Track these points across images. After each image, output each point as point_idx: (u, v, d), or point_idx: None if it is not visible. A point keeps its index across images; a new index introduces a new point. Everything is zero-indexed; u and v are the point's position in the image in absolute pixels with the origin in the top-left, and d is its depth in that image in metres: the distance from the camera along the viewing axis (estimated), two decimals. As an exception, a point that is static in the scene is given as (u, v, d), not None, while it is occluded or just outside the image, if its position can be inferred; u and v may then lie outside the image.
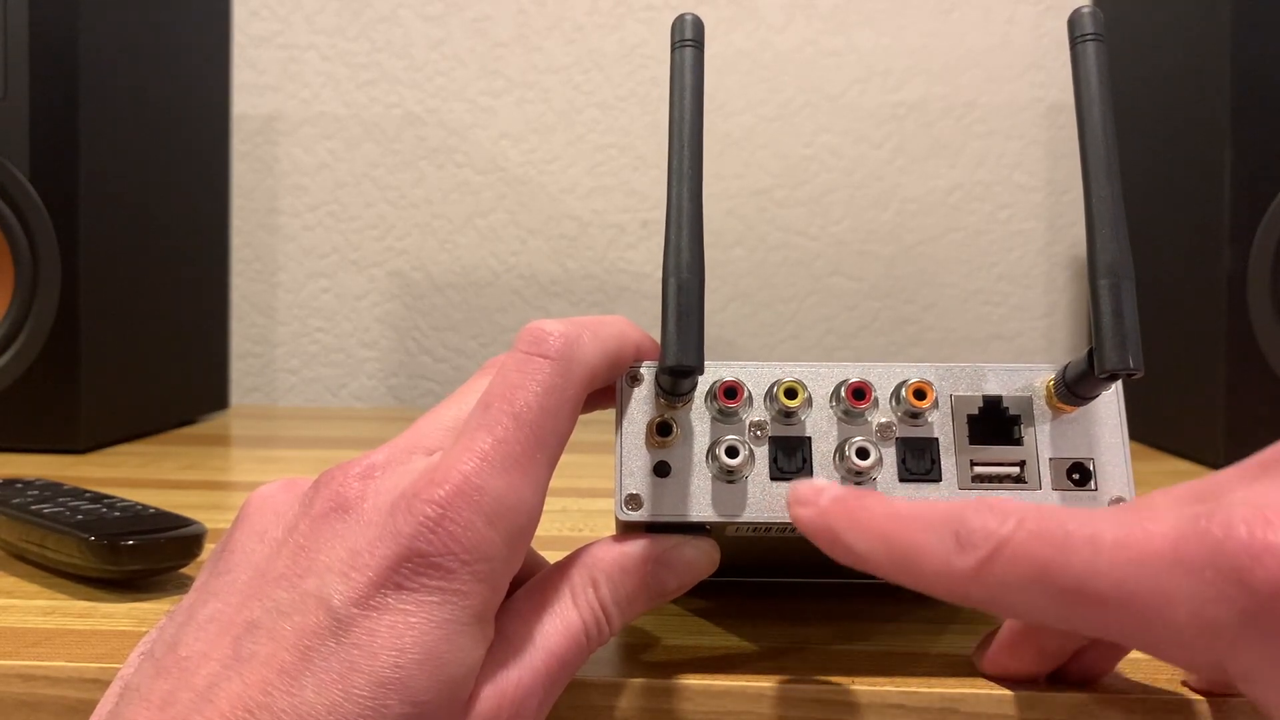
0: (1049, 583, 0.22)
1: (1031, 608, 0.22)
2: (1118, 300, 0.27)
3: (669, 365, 0.27)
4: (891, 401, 0.29)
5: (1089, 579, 0.21)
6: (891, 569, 0.24)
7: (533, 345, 0.27)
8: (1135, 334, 0.26)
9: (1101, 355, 0.27)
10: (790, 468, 0.29)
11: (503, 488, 0.25)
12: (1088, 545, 0.21)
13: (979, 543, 0.22)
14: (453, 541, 0.24)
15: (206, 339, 0.85)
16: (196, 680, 0.23)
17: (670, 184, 0.28)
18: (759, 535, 0.30)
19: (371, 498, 0.25)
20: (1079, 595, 0.21)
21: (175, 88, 0.78)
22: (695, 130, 0.28)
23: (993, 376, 0.30)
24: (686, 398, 0.29)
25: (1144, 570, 0.21)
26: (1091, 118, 0.28)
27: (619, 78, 0.97)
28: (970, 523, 0.23)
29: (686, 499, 0.28)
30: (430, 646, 0.23)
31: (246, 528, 0.27)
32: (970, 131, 0.96)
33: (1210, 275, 0.64)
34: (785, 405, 0.29)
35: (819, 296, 0.96)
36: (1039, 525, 0.22)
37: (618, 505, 0.28)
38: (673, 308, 0.27)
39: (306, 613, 0.24)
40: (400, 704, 0.23)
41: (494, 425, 0.26)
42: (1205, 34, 0.65)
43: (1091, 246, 0.27)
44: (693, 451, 0.29)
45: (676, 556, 0.28)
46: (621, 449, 0.29)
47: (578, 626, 0.27)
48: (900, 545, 0.24)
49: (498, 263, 0.98)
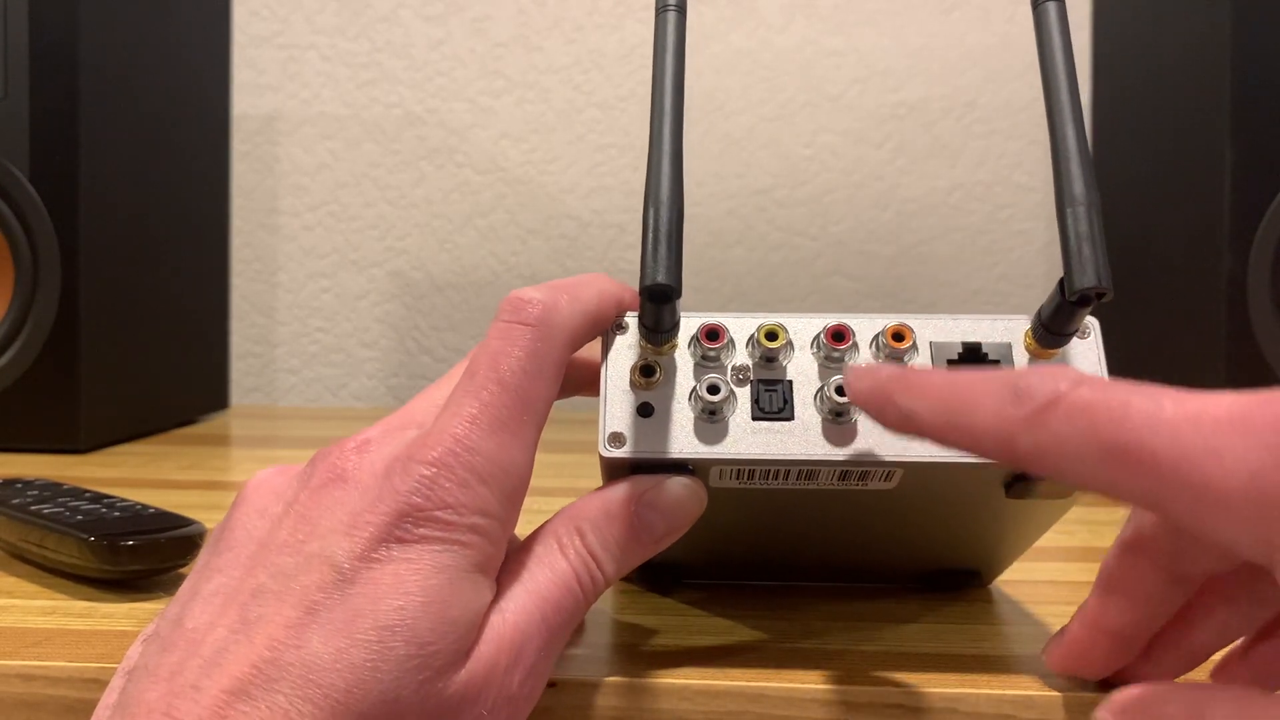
0: (1103, 437, 0.21)
1: (1079, 463, 0.22)
2: (1084, 225, 0.27)
3: (647, 285, 0.27)
4: (872, 347, 0.29)
5: (1145, 435, 0.21)
6: (943, 425, 0.24)
7: (513, 314, 0.28)
8: (1103, 256, 0.27)
9: (1070, 278, 0.27)
10: (771, 407, 0.29)
11: (494, 448, 0.26)
12: (1148, 402, 0.21)
13: (1036, 395, 0.22)
14: (449, 496, 0.25)
15: (206, 339, 0.85)
16: (204, 649, 0.24)
17: (652, 123, 0.28)
18: (745, 488, 0.29)
19: (367, 466, 0.26)
20: (1131, 452, 0.21)
21: (175, 88, 0.78)
22: (677, 79, 0.28)
23: (971, 324, 0.30)
24: (669, 338, 0.29)
25: (1202, 430, 0.20)
26: (1055, 70, 0.29)
27: (619, 78, 0.97)
28: (1029, 378, 0.23)
29: (668, 436, 0.28)
30: (433, 591, 0.24)
31: (246, 507, 0.27)
32: (970, 131, 0.96)
33: (1210, 275, 0.64)
34: (767, 348, 0.29)
35: (819, 296, 0.96)
36: (1099, 384, 0.22)
37: (601, 443, 0.28)
38: (651, 232, 0.27)
39: (311, 571, 0.24)
40: (405, 645, 0.23)
41: (480, 391, 0.26)
42: (1205, 34, 0.65)
43: (1058, 180, 0.28)
44: (675, 393, 0.29)
45: (660, 495, 0.28)
46: (606, 391, 0.29)
47: (568, 574, 0.27)
48: (954, 400, 0.24)
49: (498, 263, 0.98)
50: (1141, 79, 0.76)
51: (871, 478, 0.29)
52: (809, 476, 0.29)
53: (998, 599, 0.37)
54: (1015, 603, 0.36)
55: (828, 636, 0.33)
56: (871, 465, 0.28)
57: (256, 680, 0.23)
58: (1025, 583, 0.39)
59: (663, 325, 0.28)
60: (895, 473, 0.28)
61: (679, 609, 0.35)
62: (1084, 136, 0.28)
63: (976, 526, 0.33)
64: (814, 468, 0.28)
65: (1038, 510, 0.31)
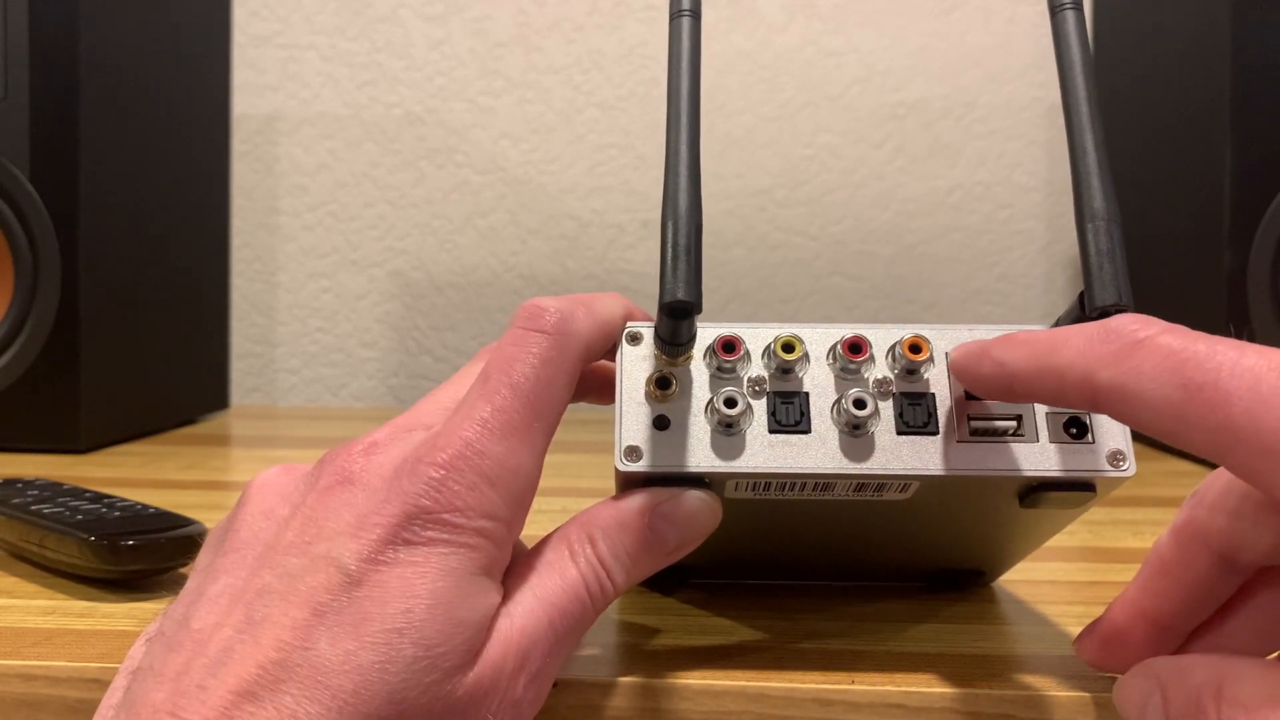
0: (1182, 375, 0.22)
1: (1154, 401, 0.22)
2: (1106, 241, 0.27)
3: (666, 301, 0.27)
4: (888, 358, 0.29)
5: (1224, 377, 0.21)
6: (1031, 367, 0.25)
7: (529, 321, 0.28)
8: (1124, 272, 0.27)
9: (1092, 294, 0.27)
10: (788, 420, 0.28)
11: (503, 452, 0.26)
12: (1232, 349, 0.22)
13: (1125, 334, 0.23)
14: (457, 499, 0.25)
15: (206, 339, 0.85)
16: (210, 649, 0.24)
17: (669, 134, 0.28)
18: (760, 499, 0.29)
19: (375, 468, 0.26)
20: (1207, 391, 0.21)
21: (175, 88, 0.78)
22: (693, 88, 0.28)
23: (987, 335, 0.30)
24: (685, 350, 0.29)
25: None
26: (1074, 79, 0.28)
27: (619, 78, 0.97)
28: (1120, 320, 0.23)
29: (685, 450, 0.28)
30: (440, 593, 0.24)
31: (251, 508, 0.27)
32: (970, 131, 0.96)
33: (1210, 275, 0.64)
34: (783, 360, 0.29)
35: (819, 296, 0.96)
36: (1187, 331, 0.23)
37: (617, 457, 0.28)
38: (670, 247, 0.27)
39: (318, 573, 0.24)
40: (413, 647, 0.23)
41: (493, 395, 0.26)
42: (1205, 33, 0.65)
43: (1078, 194, 0.28)
44: (692, 405, 0.29)
45: (674, 508, 0.28)
46: (621, 403, 0.29)
47: (577, 582, 0.27)
48: (1046, 344, 0.24)
49: (498, 263, 0.98)
50: (1141, 77, 0.76)
51: (887, 489, 0.29)
52: (824, 488, 0.29)
53: (998, 599, 0.37)
54: (1016, 602, 0.36)
55: (829, 636, 0.33)
56: (889, 478, 0.28)
57: (263, 681, 0.23)
58: (1026, 582, 0.39)
59: (679, 339, 0.28)
60: (911, 485, 0.28)
61: (680, 609, 0.35)
62: (1104, 148, 0.28)
63: (985, 533, 0.33)
64: (830, 480, 0.28)
65: (1047, 519, 0.31)
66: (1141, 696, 0.23)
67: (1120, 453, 0.28)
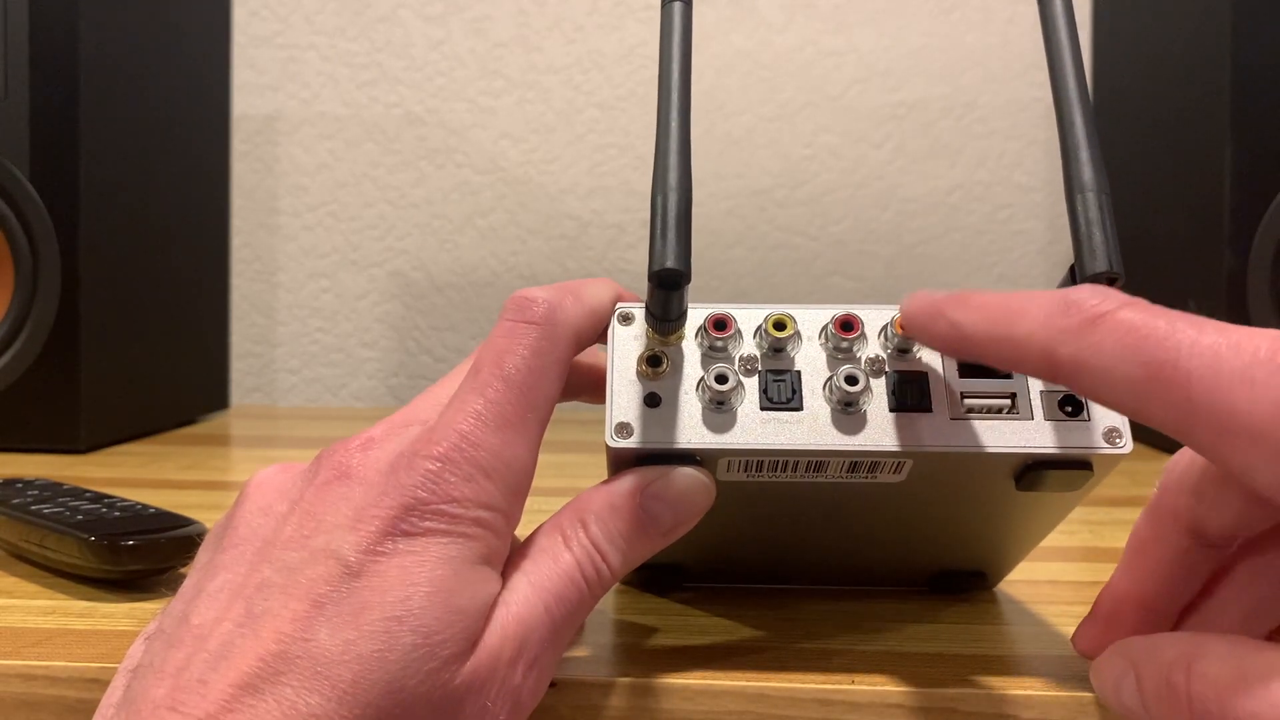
0: (1143, 353, 0.22)
1: (1115, 378, 0.22)
2: (1095, 210, 0.27)
3: (655, 270, 0.26)
4: (880, 337, 0.29)
5: (1183, 355, 0.21)
6: (986, 336, 0.24)
7: (518, 312, 0.28)
8: (1114, 241, 0.27)
9: (1082, 264, 0.27)
10: (780, 397, 0.28)
11: (498, 444, 0.26)
12: (1191, 327, 0.21)
13: (1086, 308, 0.23)
14: (454, 490, 0.25)
15: (206, 339, 0.85)
16: (210, 644, 0.24)
17: (660, 112, 0.28)
18: (752, 481, 0.29)
19: (372, 463, 0.26)
20: (1167, 370, 0.21)
21: (175, 88, 0.78)
22: (684, 69, 0.28)
23: None
24: (676, 327, 0.29)
25: (1241, 356, 0.21)
26: (1062, 57, 0.28)
27: (619, 78, 0.97)
28: (1080, 293, 0.23)
29: (676, 426, 0.28)
30: (440, 581, 0.24)
31: (249, 505, 0.27)
32: (970, 131, 0.96)
33: (1210, 275, 0.64)
34: (775, 338, 0.29)
35: (819, 297, 0.96)
36: (1147, 306, 0.22)
37: (608, 434, 0.28)
38: (659, 218, 0.27)
39: (317, 565, 0.24)
40: (412, 635, 0.23)
41: (485, 388, 0.27)
42: (1205, 32, 0.65)
43: (1067, 166, 0.28)
44: (683, 383, 0.29)
45: (667, 486, 0.28)
46: (612, 382, 0.29)
47: (572, 567, 0.27)
48: (1003, 311, 0.24)
49: (498, 263, 0.98)
50: (1141, 76, 0.76)
51: (881, 469, 0.28)
52: (818, 468, 0.28)
53: (998, 599, 0.37)
54: (1016, 602, 0.36)
55: (829, 637, 0.32)
56: (881, 455, 0.28)
57: (264, 673, 0.23)
58: (1026, 582, 0.38)
59: (670, 313, 0.28)
60: (905, 464, 0.28)
61: (679, 609, 0.35)
62: (1092, 122, 0.28)
63: (983, 524, 0.33)
64: (823, 458, 0.28)
65: (1045, 506, 0.31)
66: (1116, 676, 0.24)
67: (1116, 430, 0.28)
